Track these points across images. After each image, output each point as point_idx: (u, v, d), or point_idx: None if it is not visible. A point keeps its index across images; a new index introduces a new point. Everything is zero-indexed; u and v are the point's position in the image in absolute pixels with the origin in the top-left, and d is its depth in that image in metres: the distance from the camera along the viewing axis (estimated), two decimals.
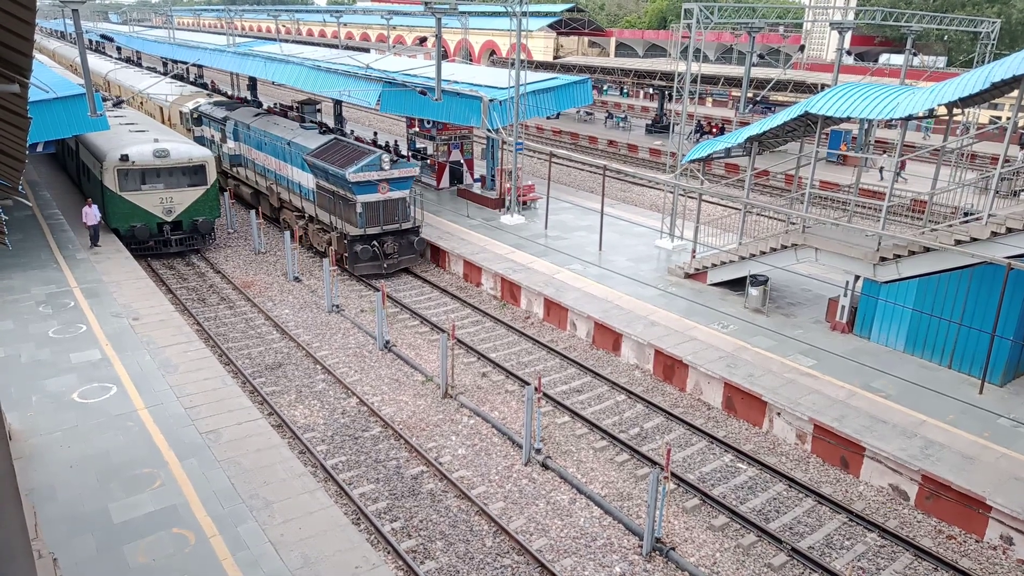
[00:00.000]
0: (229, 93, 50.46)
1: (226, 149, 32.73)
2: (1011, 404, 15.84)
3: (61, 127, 22.46)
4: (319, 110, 45.86)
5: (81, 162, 29.87)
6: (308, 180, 26.20)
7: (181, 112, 37.60)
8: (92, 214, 24.16)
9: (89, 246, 24.31)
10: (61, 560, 10.41)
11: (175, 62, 56.08)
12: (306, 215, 27.24)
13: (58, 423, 14.05)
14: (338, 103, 41.55)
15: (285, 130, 28.14)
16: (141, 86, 45.01)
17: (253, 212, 28.08)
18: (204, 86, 58.11)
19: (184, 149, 26.27)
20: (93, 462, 12.87)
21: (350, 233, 23.75)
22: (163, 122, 39.27)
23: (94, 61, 57.54)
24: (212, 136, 34.55)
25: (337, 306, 22.62)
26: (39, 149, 23.51)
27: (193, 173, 26.02)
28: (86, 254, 23.44)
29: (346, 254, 24.01)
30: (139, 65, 66.03)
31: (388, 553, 12.36)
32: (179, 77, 55.93)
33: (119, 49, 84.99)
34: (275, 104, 53.21)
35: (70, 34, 75.83)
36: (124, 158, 24.80)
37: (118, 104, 35.43)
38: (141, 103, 44.27)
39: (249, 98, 41.92)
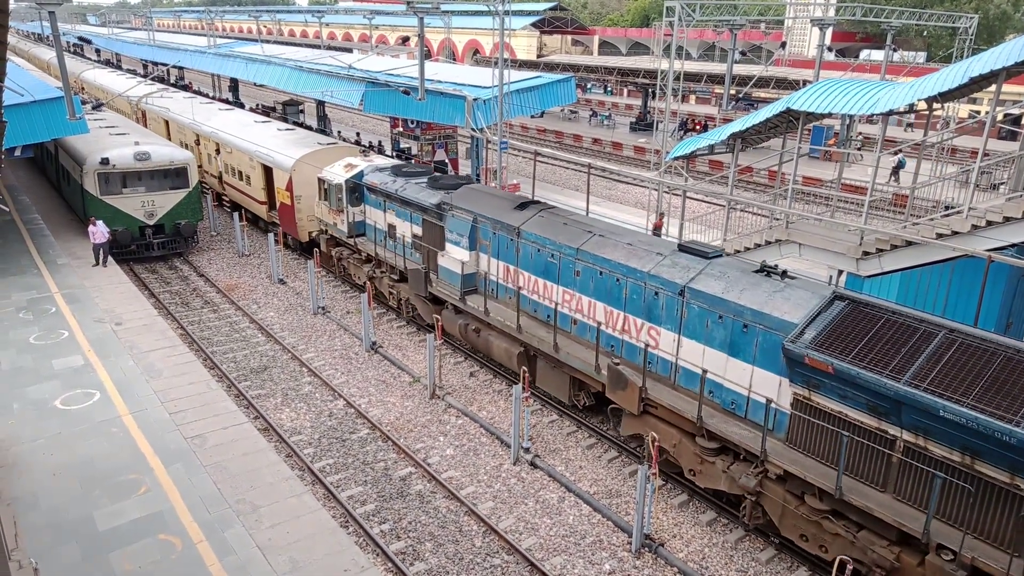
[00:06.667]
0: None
1: (447, 262, 18.53)
2: None
3: (39, 131, 22.16)
4: (302, 111, 45.75)
5: (61, 166, 29.52)
6: (768, 382, 12.20)
7: (326, 183, 22.98)
8: (100, 232, 22.33)
9: (93, 264, 22.68)
10: (45, 569, 10.28)
11: (155, 64, 55.48)
12: (764, 466, 11.91)
13: (40, 431, 13.87)
14: (321, 104, 41.36)
15: (667, 267, 13.86)
16: (212, 123, 31.03)
17: (236, 214, 27.78)
18: (185, 87, 57.49)
19: (166, 151, 26.05)
20: (77, 469, 12.72)
21: None
22: (271, 188, 26.56)
23: (118, 81, 46.81)
24: (391, 228, 20.84)
25: (323, 308, 22.50)
26: (17, 153, 23.12)
27: (175, 176, 25.78)
28: (67, 259, 23.14)
29: None
30: (186, 89, 51.79)
31: (377, 555, 12.31)
32: (159, 79, 55.00)
33: (98, 51, 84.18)
34: (257, 105, 52.65)
35: (47, 36, 74.90)
36: (104, 161, 24.55)
37: (97, 107, 35.02)
38: (214, 153, 30.34)
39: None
